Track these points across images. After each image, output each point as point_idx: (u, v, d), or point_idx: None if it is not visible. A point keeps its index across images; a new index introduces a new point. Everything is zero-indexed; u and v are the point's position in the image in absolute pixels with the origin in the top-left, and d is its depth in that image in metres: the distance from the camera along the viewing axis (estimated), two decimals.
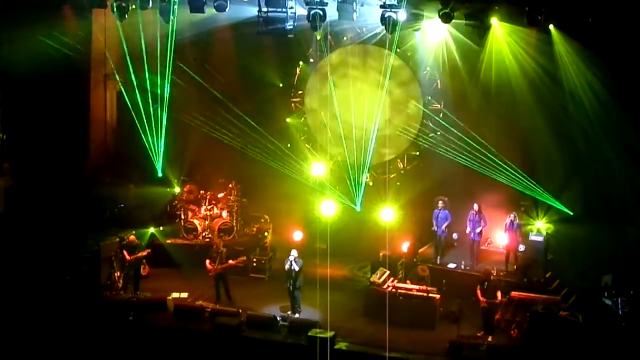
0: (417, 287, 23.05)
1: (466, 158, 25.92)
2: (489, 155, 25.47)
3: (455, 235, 26.37)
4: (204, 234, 27.47)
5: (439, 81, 27.78)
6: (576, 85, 24.48)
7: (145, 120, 25.97)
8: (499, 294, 21.72)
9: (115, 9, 24.03)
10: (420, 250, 26.48)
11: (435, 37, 26.14)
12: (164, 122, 25.90)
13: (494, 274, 22.90)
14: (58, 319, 21.57)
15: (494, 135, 25.70)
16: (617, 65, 23.25)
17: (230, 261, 23.72)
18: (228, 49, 27.90)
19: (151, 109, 26.00)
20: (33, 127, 25.42)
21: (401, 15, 23.45)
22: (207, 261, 23.62)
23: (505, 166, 25.22)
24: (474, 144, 25.81)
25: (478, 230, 25.24)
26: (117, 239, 24.76)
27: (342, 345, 20.72)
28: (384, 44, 26.57)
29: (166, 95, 25.87)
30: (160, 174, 27.07)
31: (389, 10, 23.13)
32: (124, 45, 25.56)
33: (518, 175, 25.15)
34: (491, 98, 25.67)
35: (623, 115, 23.58)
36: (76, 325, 21.41)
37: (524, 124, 25.30)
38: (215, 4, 23.95)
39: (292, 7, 23.93)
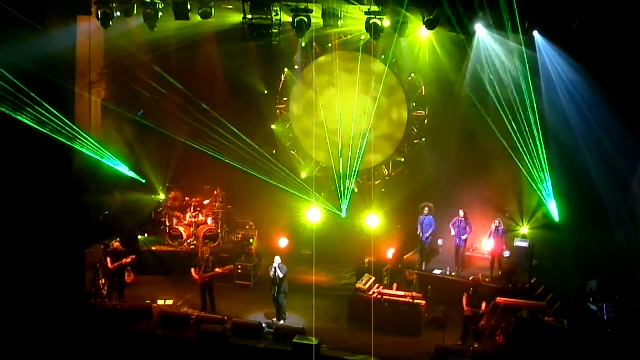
0: (402, 293, 23.06)
1: (450, 164, 26.02)
2: (472, 160, 25.61)
3: (440, 242, 26.40)
4: (189, 241, 27.34)
5: (423, 88, 27.86)
6: (560, 91, 24.60)
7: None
8: (483, 304, 21.74)
9: (99, 16, 23.99)
10: (405, 257, 26.46)
11: (420, 44, 26.18)
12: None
13: (484, 282, 22.97)
14: (43, 326, 21.43)
15: (478, 141, 25.78)
16: (601, 72, 23.36)
17: (217, 269, 23.56)
18: (213, 57, 27.85)
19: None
20: (17, 134, 25.21)
21: (386, 22, 23.53)
22: (193, 270, 23.50)
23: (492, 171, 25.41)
24: (457, 151, 25.94)
25: (464, 237, 25.28)
26: (102, 246, 24.67)
27: (327, 351, 20.63)
28: (368, 51, 26.72)
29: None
30: (143, 181, 27.05)
31: (373, 17, 23.17)
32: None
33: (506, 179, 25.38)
34: (476, 105, 25.71)
35: (607, 121, 23.70)
36: (61, 333, 21.27)
37: (508, 130, 25.35)
38: (200, 12, 23.97)
39: (277, 14, 23.96)
